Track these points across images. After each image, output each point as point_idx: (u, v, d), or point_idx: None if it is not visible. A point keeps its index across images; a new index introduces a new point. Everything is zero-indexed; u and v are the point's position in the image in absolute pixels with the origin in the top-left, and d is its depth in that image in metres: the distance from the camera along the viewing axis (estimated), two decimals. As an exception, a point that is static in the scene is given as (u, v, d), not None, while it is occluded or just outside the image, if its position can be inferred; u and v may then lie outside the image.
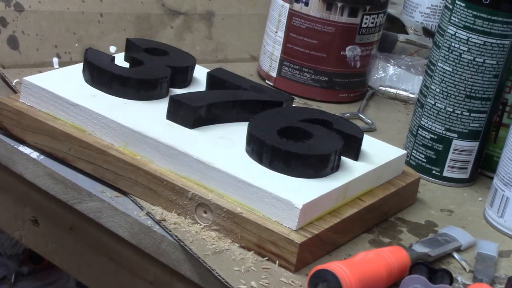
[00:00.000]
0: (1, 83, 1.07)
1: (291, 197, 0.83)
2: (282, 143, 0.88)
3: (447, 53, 1.01)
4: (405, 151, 0.99)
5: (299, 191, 0.85)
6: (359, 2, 1.17)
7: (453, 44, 1.00)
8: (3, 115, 0.97)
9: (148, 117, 0.93)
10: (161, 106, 0.95)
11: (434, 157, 1.04)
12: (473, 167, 1.05)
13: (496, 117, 1.06)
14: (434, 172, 1.05)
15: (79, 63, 1.02)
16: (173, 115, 0.93)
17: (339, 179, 0.88)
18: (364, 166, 0.92)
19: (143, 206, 0.89)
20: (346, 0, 1.16)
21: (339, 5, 1.16)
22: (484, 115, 1.02)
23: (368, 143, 0.96)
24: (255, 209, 0.84)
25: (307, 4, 1.17)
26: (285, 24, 1.19)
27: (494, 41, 0.99)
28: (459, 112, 1.02)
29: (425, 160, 1.05)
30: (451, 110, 1.02)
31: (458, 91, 1.01)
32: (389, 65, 1.29)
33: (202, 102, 0.93)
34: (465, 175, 1.05)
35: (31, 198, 0.99)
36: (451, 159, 1.04)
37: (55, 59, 1.13)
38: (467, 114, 1.02)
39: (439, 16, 1.25)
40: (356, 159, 0.93)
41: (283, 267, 0.83)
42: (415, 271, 0.83)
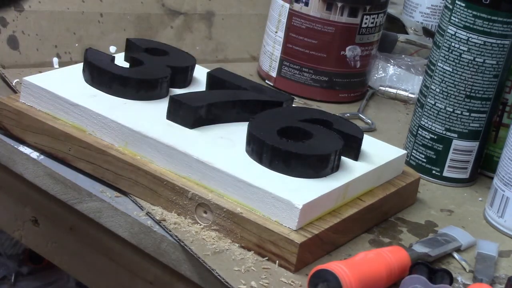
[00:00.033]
0: (1, 83, 1.07)
1: (291, 197, 0.83)
2: (282, 143, 0.88)
3: (447, 53, 1.01)
4: (405, 151, 0.99)
5: (299, 191, 0.84)
6: (359, 2, 1.17)
7: (453, 44, 1.00)
8: (3, 115, 0.97)
9: (148, 117, 0.93)
10: (161, 106, 0.95)
11: (434, 157, 1.04)
12: (473, 167, 1.05)
13: (496, 117, 1.06)
14: (434, 172, 1.05)
15: (79, 63, 1.02)
16: (173, 115, 0.93)
17: (339, 179, 0.88)
18: (364, 166, 0.92)
19: (143, 206, 0.89)
20: (346, 0, 1.16)
21: (339, 5, 1.16)
22: (484, 115, 1.02)
23: (368, 143, 0.96)
24: (255, 209, 0.84)
25: (307, 4, 1.17)
26: (285, 24, 1.19)
27: (494, 41, 0.99)
28: (459, 112, 1.02)
29: (425, 160, 1.05)
30: (451, 110, 1.02)
31: (458, 91, 1.01)
32: (389, 65, 1.29)
33: (202, 102, 0.93)
34: (465, 175, 1.05)
35: (31, 198, 0.99)
36: (451, 159, 1.04)
37: (55, 59, 1.13)
38: (467, 114, 1.02)
39: (439, 16, 1.25)
40: (356, 159, 0.93)
41: (283, 267, 0.83)
42: (415, 271, 0.83)
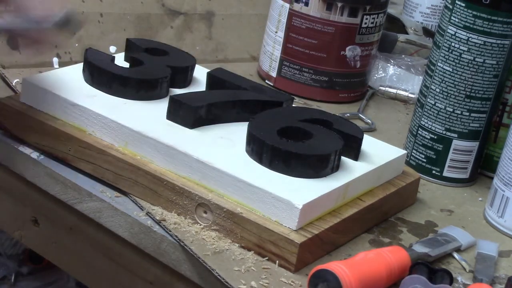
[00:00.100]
0: (1, 83, 1.07)
1: (291, 197, 0.83)
2: (282, 143, 0.88)
3: (447, 53, 1.01)
4: (405, 151, 0.99)
5: (299, 191, 0.84)
6: (359, 2, 1.16)
7: (453, 44, 1.00)
8: (3, 115, 0.96)
9: (148, 117, 0.93)
10: (161, 106, 0.95)
11: (434, 157, 1.04)
12: (473, 167, 1.05)
13: (496, 117, 1.06)
14: (434, 172, 1.05)
15: (79, 63, 1.02)
16: (173, 115, 0.93)
17: (339, 179, 0.88)
18: (364, 166, 0.92)
19: (143, 206, 0.89)
20: (346, 0, 1.16)
21: (339, 5, 1.16)
22: (484, 115, 1.02)
23: (368, 143, 0.95)
24: (255, 209, 0.84)
25: (307, 4, 1.17)
26: (285, 24, 1.19)
27: (494, 41, 0.99)
28: (459, 112, 1.02)
29: (425, 160, 1.05)
30: (451, 110, 1.02)
31: (458, 91, 1.01)
32: (389, 65, 1.29)
33: (202, 102, 0.93)
34: (465, 175, 1.05)
35: (31, 198, 0.99)
36: (451, 159, 1.04)
37: (55, 59, 1.13)
38: (467, 114, 1.02)
39: (439, 16, 1.25)
40: (356, 159, 0.93)
41: (283, 267, 0.83)
42: (415, 271, 0.83)
